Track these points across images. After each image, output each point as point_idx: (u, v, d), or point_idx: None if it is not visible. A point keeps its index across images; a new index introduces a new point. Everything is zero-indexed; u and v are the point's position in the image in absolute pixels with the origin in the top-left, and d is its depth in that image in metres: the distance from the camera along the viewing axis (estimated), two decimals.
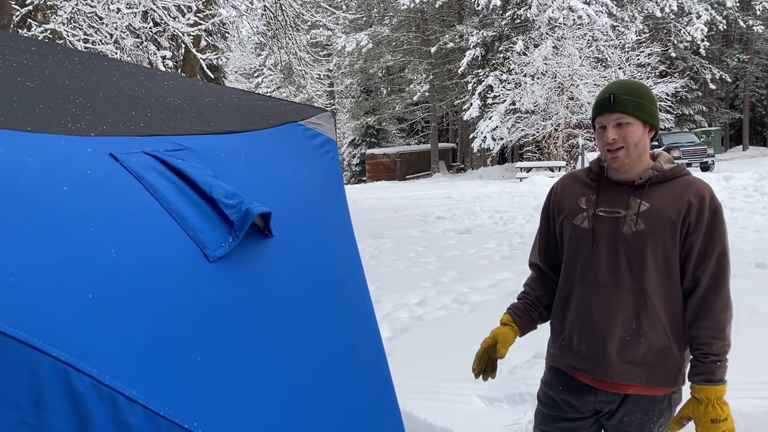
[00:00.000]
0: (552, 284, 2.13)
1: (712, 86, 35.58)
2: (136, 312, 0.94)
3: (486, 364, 2.16)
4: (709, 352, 1.81)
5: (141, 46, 13.38)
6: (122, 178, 1.10)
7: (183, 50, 15.69)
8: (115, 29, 10.72)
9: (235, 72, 38.17)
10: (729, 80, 37.63)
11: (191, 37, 13.58)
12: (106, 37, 11.00)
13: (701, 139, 27.51)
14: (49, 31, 9.75)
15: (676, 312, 1.88)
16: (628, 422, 1.93)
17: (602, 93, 1.91)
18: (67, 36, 9.87)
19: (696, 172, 20.32)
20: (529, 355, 4.24)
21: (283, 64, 19.24)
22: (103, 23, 10.68)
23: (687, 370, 1.90)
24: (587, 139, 25.33)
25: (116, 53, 10.90)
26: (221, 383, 1.01)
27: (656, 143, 24.81)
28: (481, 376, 2.17)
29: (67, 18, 9.90)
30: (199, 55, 13.58)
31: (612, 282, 1.89)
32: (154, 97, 1.60)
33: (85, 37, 10.50)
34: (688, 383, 1.90)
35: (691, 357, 1.88)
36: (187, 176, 1.20)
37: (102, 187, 1.05)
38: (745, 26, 33.63)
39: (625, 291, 1.87)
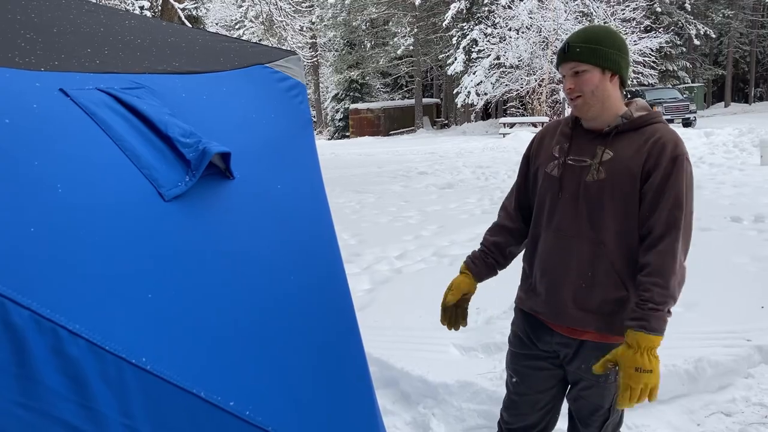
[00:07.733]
0: (513, 230, 2.14)
1: (697, 42, 35.46)
2: (82, 247, 0.91)
3: (454, 313, 2.17)
4: (648, 299, 1.75)
5: None
6: (72, 114, 1.06)
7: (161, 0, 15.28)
8: None
9: (216, 24, 37.33)
10: (713, 36, 37.39)
11: None
12: None
13: (684, 96, 27.49)
14: None
15: (635, 263, 1.85)
16: (585, 369, 1.94)
17: (562, 43, 1.90)
18: None
19: (678, 128, 20.45)
20: (506, 306, 4.28)
21: (264, 15, 18.81)
22: None
23: None
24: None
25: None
26: (173, 321, 0.99)
27: (640, 96, 24.77)
28: (453, 328, 2.18)
29: None
30: (176, 5, 13.24)
31: (573, 229, 1.90)
32: (113, 36, 1.55)
33: None
34: None
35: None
36: (143, 114, 1.16)
37: (49, 122, 1.00)
38: None
39: (583, 239, 1.88)
